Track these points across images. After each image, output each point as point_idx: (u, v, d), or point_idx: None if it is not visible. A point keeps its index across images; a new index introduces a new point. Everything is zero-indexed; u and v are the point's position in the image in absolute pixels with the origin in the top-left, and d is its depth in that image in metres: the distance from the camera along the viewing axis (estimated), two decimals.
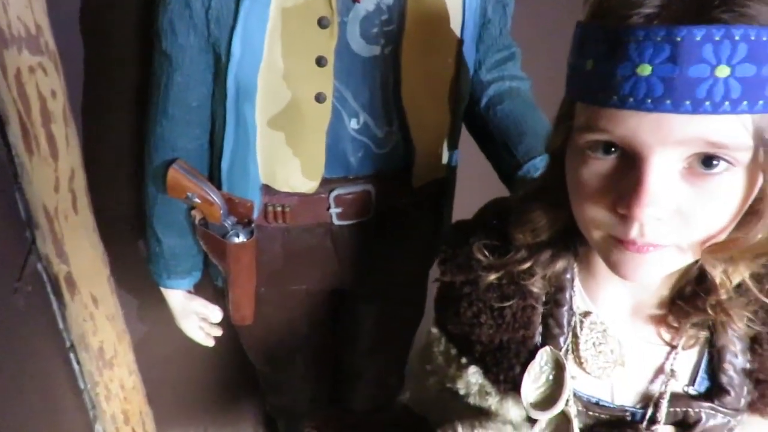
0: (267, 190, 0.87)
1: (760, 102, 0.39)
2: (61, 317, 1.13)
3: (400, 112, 0.85)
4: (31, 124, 0.95)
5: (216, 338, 1.06)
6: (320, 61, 0.77)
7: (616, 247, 0.47)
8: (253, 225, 0.88)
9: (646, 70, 0.40)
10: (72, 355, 1.18)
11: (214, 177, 0.88)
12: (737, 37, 0.38)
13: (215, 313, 1.02)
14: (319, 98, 0.79)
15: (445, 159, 0.94)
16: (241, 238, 0.88)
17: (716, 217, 0.44)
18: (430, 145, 0.90)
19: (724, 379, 0.52)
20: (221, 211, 0.86)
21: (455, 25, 0.83)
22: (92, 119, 1.05)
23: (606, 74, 0.42)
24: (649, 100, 0.40)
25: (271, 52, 0.76)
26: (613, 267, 0.48)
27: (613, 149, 0.44)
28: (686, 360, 0.54)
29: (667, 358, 0.54)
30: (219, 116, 0.83)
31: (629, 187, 0.42)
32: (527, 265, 0.56)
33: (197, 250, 0.96)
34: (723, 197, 0.43)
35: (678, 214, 0.43)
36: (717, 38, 0.38)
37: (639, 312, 0.56)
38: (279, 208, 0.88)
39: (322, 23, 0.75)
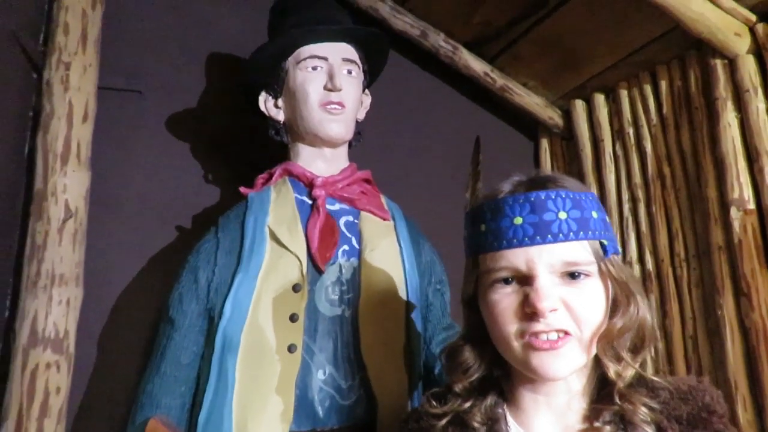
0: None
1: (590, 232, 0.64)
2: None
3: (362, 368, 0.99)
4: (27, 417, 1.04)
5: None
6: (293, 317, 0.97)
7: (533, 353, 0.62)
8: None
9: (519, 220, 0.64)
10: None
11: None
12: (563, 196, 0.64)
13: None
14: (291, 349, 0.95)
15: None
16: None
17: (591, 311, 0.63)
18: (391, 401, 1.00)
19: None
20: None
21: (401, 296, 1.06)
22: (84, 417, 1.14)
23: (495, 230, 0.65)
24: (527, 239, 0.63)
25: (254, 312, 0.97)
26: (535, 370, 0.62)
27: (510, 280, 0.65)
28: None
29: None
30: (204, 373, 0.96)
31: (528, 294, 0.63)
32: (468, 404, 0.68)
33: None
34: (590, 297, 0.64)
35: (565, 306, 0.62)
36: (554, 197, 0.64)
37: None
38: None
39: (296, 288, 0.98)
